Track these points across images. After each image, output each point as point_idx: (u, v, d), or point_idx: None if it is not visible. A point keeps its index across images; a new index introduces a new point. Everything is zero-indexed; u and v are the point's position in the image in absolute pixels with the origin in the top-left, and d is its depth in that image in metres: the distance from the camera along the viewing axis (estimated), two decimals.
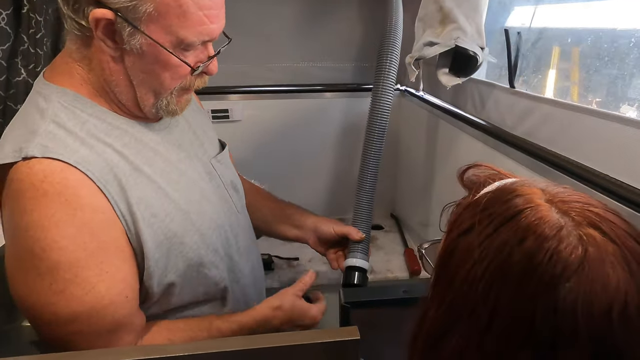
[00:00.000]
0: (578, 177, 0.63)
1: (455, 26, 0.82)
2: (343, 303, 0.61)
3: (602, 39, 0.69)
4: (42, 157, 0.56)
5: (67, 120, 0.60)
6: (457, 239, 0.37)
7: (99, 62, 0.61)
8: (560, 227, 0.32)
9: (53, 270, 0.56)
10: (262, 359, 0.51)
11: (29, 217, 0.55)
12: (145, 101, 0.64)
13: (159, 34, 0.58)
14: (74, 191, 0.57)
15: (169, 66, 0.61)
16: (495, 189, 0.39)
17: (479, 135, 0.93)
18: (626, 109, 0.63)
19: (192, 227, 0.68)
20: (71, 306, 0.57)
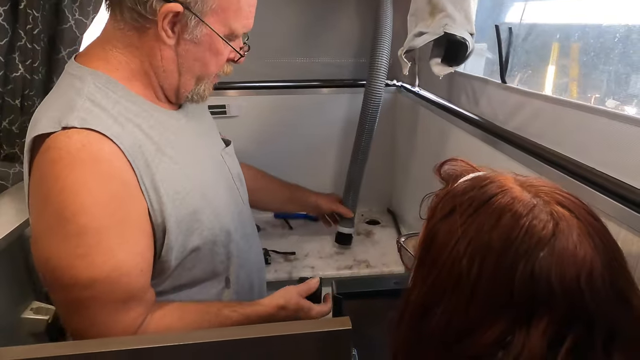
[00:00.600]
0: (566, 170, 0.64)
1: (444, 14, 0.82)
2: (336, 294, 0.62)
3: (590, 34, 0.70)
4: (81, 128, 0.59)
5: (101, 99, 0.63)
6: (440, 222, 0.41)
7: (150, 49, 0.66)
8: (532, 205, 0.36)
9: (79, 235, 0.59)
10: (256, 348, 0.52)
11: (64, 182, 0.58)
12: (187, 86, 0.70)
13: (217, 25, 0.65)
14: (108, 162, 0.60)
15: (218, 54, 0.68)
16: (472, 178, 0.43)
17: (473, 130, 0.94)
18: (611, 103, 0.64)
19: (208, 207, 0.72)
20: (90, 271, 0.60)
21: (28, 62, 0.92)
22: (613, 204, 0.55)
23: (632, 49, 0.62)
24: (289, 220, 1.53)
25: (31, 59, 0.92)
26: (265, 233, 1.47)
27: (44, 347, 0.48)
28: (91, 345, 0.48)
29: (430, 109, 1.18)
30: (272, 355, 0.53)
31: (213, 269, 0.76)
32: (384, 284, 0.64)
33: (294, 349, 0.53)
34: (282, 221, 1.53)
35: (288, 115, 1.46)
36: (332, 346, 0.53)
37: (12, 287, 0.84)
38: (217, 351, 0.51)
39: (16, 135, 0.95)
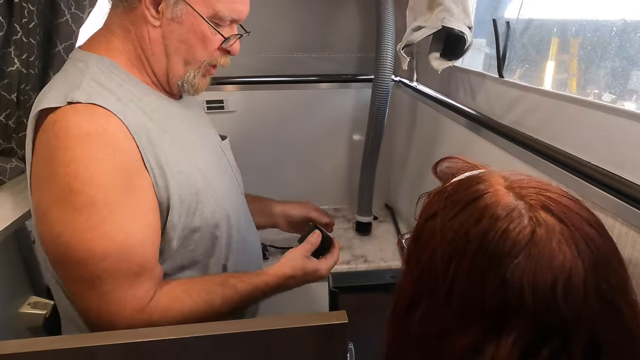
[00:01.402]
0: (561, 164, 0.64)
1: (442, 8, 0.82)
2: (332, 288, 0.62)
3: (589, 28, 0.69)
4: (87, 103, 0.60)
5: (105, 81, 0.65)
6: (424, 223, 0.41)
7: (140, 31, 0.67)
8: (512, 209, 0.35)
9: (90, 206, 0.59)
10: (252, 342, 0.53)
11: (72, 153, 0.59)
12: (176, 70, 0.70)
13: (199, 5, 0.65)
14: (115, 135, 0.61)
15: (204, 37, 0.68)
16: (464, 177, 0.42)
17: (470, 125, 0.94)
18: (607, 97, 0.63)
19: (209, 190, 0.73)
20: (104, 243, 0.61)
21: (24, 56, 0.91)
22: (608, 198, 0.55)
23: (629, 43, 0.62)
24: None
25: (27, 53, 0.91)
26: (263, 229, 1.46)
27: (39, 341, 0.49)
28: (85, 339, 0.48)
29: (428, 104, 1.18)
30: (268, 349, 0.53)
31: (212, 251, 0.76)
32: (380, 278, 0.64)
33: (291, 342, 0.53)
34: None
35: (286, 110, 1.46)
36: (329, 340, 0.53)
37: (10, 281, 0.85)
38: (213, 345, 0.51)
39: (13, 130, 0.95)
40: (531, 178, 0.39)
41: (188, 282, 0.72)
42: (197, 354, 0.51)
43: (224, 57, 0.73)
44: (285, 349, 0.53)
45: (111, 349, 0.48)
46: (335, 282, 0.64)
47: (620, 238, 0.54)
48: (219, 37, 0.68)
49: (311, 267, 0.81)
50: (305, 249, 0.83)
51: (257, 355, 0.53)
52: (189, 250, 0.73)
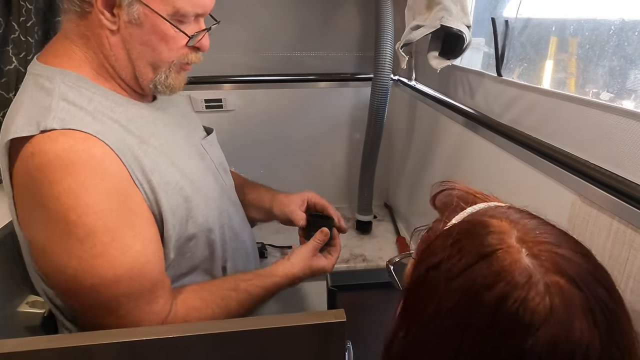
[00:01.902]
0: (559, 162, 0.64)
1: (440, 7, 0.82)
2: (330, 287, 0.62)
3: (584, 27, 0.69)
4: (63, 129, 0.57)
5: (75, 98, 0.61)
6: (426, 273, 0.37)
7: (98, 38, 0.62)
8: (529, 274, 0.32)
9: (91, 234, 0.58)
10: (251, 340, 0.53)
11: (59, 186, 0.56)
12: (144, 75, 0.66)
13: (157, 4, 0.60)
14: (100, 159, 0.59)
15: (166, 37, 0.63)
16: (468, 219, 0.39)
17: (469, 124, 0.94)
18: (605, 95, 0.63)
19: (198, 195, 0.71)
20: (113, 267, 0.60)
21: (22, 55, 0.91)
22: (606, 196, 0.55)
23: (627, 42, 0.62)
24: None
25: (25, 52, 0.91)
26: (262, 227, 1.45)
27: (37, 340, 0.49)
28: (83, 338, 0.48)
29: (427, 103, 1.18)
30: (267, 347, 0.53)
31: (210, 256, 0.76)
32: (379, 276, 0.64)
33: (289, 341, 0.53)
34: None
35: (285, 109, 1.46)
36: (327, 338, 0.53)
37: (8, 280, 0.84)
38: (212, 343, 0.51)
39: None
40: (540, 224, 0.37)
41: (201, 289, 0.72)
42: (195, 352, 0.51)
43: (194, 54, 0.68)
44: (284, 348, 0.54)
45: (108, 348, 0.48)
46: (333, 280, 0.64)
47: (617, 236, 0.54)
48: (182, 33, 0.64)
49: (318, 266, 0.82)
50: (314, 247, 0.82)
51: (256, 354, 0.53)
52: (186, 258, 0.72)
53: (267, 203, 0.95)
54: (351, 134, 1.52)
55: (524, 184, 0.74)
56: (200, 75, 1.36)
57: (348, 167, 1.55)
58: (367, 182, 1.36)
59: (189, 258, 0.73)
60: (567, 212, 0.62)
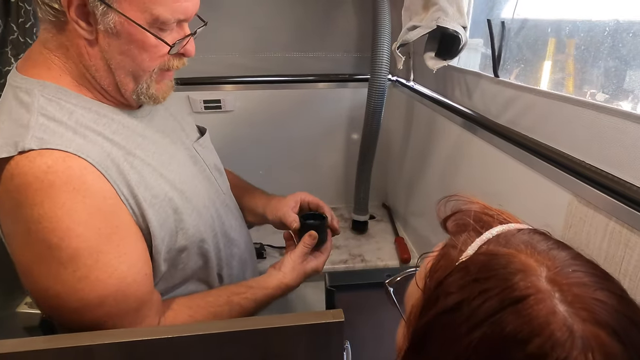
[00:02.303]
0: (556, 163, 0.64)
1: (437, 7, 0.83)
2: (328, 287, 0.63)
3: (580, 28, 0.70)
4: (41, 149, 0.55)
5: (55, 112, 0.59)
6: (441, 315, 0.32)
7: (76, 48, 0.60)
8: (570, 329, 0.29)
9: (74, 258, 0.56)
10: (249, 340, 0.53)
11: (39, 209, 0.54)
12: (125, 85, 0.63)
13: (134, 12, 0.57)
14: (80, 179, 0.57)
15: (146, 46, 0.60)
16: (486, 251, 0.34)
17: (467, 125, 0.94)
18: (600, 96, 0.64)
19: (189, 205, 0.70)
20: (97, 290, 0.58)
21: (20, 56, 0.91)
22: (602, 196, 0.56)
23: (621, 44, 0.62)
24: None
25: (24, 53, 0.91)
26: (260, 228, 1.45)
27: (36, 341, 0.49)
28: (82, 338, 0.48)
29: (425, 103, 1.18)
30: (265, 347, 0.53)
31: (204, 265, 0.75)
32: (377, 276, 0.65)
33: (288, 341, 0.54)
34: None
35: (283, 110, 1.46)
36: (326, 338, 0.54)
37: (7, 281, 0.84)
38: (210, 343, 0.52)
39: None
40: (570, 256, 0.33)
41: (192, 306, 0.71)
42: (194, 352, 0.51)
43: (178, 60, 0.65)
44: (283, 348, 0.54)
45: (108, 348, 0.48)
46: (332, 280, 0.64)
47: (613, 236, 0.54)
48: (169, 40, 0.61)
49: (310, 269, 0.81)
50: (303, 252, 0.81)
51: (254, 354, 0.53)
52: (179, 270, 0.71)
53: (260, 208, 0.93)
54: (349, 135, 1.52)
55: (521, 184, 0.75)
56: (199, 76, 1.36)
57: (345, 167, 1.55)
58: (363, 182, 1.36)
59: (181, 269, 0.72)
60: (563, 212, 0.63)
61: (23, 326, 0.86)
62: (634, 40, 0.60)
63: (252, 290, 0.75)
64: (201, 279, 0.77)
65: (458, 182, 1.01)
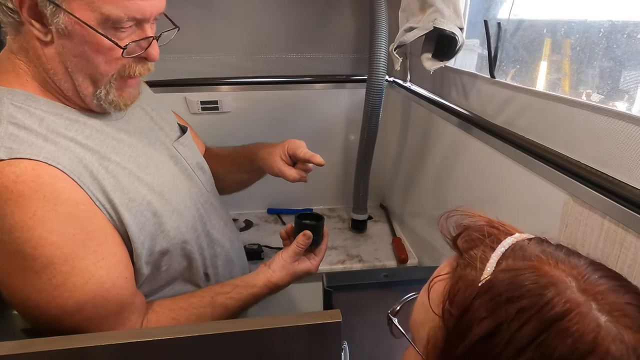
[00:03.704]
0: (552, 163, 0.65)
1: (433, 9, 0.83)
2: (326, 287, 0.63)
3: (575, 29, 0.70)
4: (9, 159, 0.54)
5: (24, 120, 0.57)
6: (477, 345, 0.30)
7: (34, 50, 0.58)
8: (622, 341, 0.28)
9: (49, 266, 0.56)
10: (245, 341, 0.53)
11: (10, 219, 0.54)
12: (84, 90, 0.61)
13: (83, 11, 0.54)
14: (51, 187, 0.56)
15: (100, 48, 0.57)
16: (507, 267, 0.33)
17: (463, 125, 0.95)
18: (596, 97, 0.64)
19: (169, 207, 0.69)
20: (75, 296, 0.58)
21: None
22: (597, 196, 0.56)
23: (615, 44, 0.63)
24: (281, 215, 1.53)
25: None
26: (258, 228, 1.47)
27: (34, 342, 0.48)
28: (79, 340, 0.48)
29: (422, 104, 1.18)
30: (262, 348, 0.53)
31: (188, 266, 0.75)
32: (374, 276, 0.65)
33: (285, 342, 0.54)
34: (275, 216, 1.54)
35: (281, 111, 1.46)
36: (323, 339, 0.54)
37: None
38: (207, 345, 0.52)
39: None
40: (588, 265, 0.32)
41: (174, 308, 0.70)
42: (190, 354, 0.51)
43: (141, 65, 0.62)
44: (280, 348, 0.54)
45: (105, 350, 0.48)
46: (329, 281, 0.64)
47: (608, 235, 0.55)
48: (123, 42, 0.58)
49: (301, 271, 0.79)
50: (295, 252, 0.79)
51: (251, 355, 0.53)
52: (162, 272, 0.71)
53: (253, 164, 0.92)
54: (347, 135, 1.52)
55: (518, 185, 0.75)
56: (196, 77, 1.36)
57: (344, 168, 1.56)
58: (362, 181, 1.36)
59: (165, 271, 0.71)
60: (559, 211, 0.63)
61: (20, 328, 0.85)
62: (628, 41, 0.60)
63: (237, 289, 0.75)
64: (187, 279, 0.76)
65: (454, 182, 1.02)
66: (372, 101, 1.20)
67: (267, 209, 1.57)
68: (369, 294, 0.66)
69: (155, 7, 0.59)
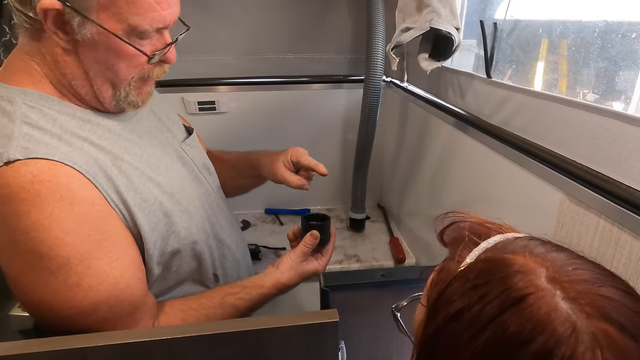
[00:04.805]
0: (548, 162, 0.65)
1: (430, 9, 0.83)
2: (323, 287, 0.63)
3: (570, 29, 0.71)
4: (26, 159, 0.54)
5: (38, 120, 0.58)
6: (444, 325, 0.32)
7: (53, 55, 0.59)
8: (573, 324, 0.28)
9: (65, 266, 0.56)
10: (243, 341, 0.53)
11: (26, 219, 0.54)
12: (104, 93, 0.63)
13: (111, 22, 0.57)
14: (67, 186, 0.56)
15: (124, 55, 0.60)
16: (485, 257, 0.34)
17: (460, 125, 0.95)
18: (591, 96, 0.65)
19: (179, 208, 0.70)
20: (90, 297, 0.58)
21: None
22: (592, 195, 0.56)
23: (610, 44, 0.63)
24: (279, 215, 1.53)
25: None
26: (256, 229, 1.47)
27: (31, 343, 0.48)
28: (76, 341, 0.48)
29: (418, 104, 1.19)
30: (260, 348, 0.53)
31: (198, 267, 0.75)
32: (371, 276, 0.65)
33: (282, 341, 0.54)
34: (272, 217, 1.54)
35: (278, 111, 1.46)
36: (320, 339, 0.54)
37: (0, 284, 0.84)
38: (205, 345, 0.52)
39: None
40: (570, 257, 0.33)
41: (184, 309, 0.71)
42: (189, 354, 0.51)
43: (159, 67, 0.65)
44: (277, 348, 0.54)
45: (103, 350, 0.48)
46: (326, 280, 0.64)
47: (604, 234, 0.55)
48: (144, 49, 0.61)
49: (309, 271, 0.80)
50: (303, 252, 0.80)
51: (249, 355, 0.53)
52: (173, 272, 0.71)
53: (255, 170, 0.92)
54: (344, 135, 1.53)
55: (514, 184, 0.76)
56: (193, 78, 1.36)
57: (342, 168, 1.56)
58: (360, 181, 1.36)
59: (175, 272, 0.71)
60: (555, 211, 0.64)
61: (17, 329, 0.85)
62: (622, 41, 0.61)
63: (246, 290, 0.75)
64: (196, 280, 0.76)
65: (451, 182, 1.02)
66: (370, 101, 1.20)
67: (265, 209, 1.57)
68: (366, 293, 0.66)
69: (174, 15, 0.62)
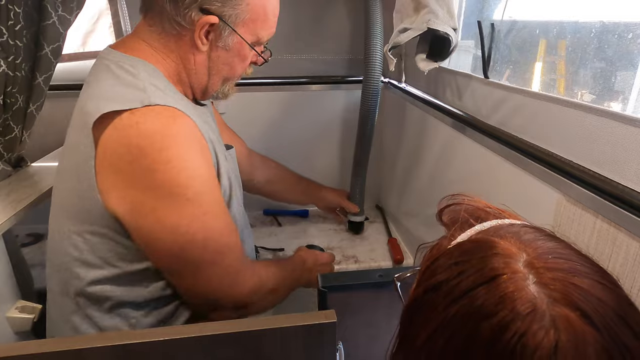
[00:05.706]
0: (545, 163, 0.65)
1: (427, 10, 0.83)
2: (321, 287, 0.63)
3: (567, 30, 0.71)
4: (165, 105, 0.64)
5: (159, 84, 0.68)
6: (424, 295, 0.34)
7: (185, 54, 0.72)
8: (534, 305, 0.29)
9: (200, 195, 0.66)
10: (241, 342, 0.53)
11: (168, 152, 0.63)
12: (214, 86, 0.77)
13: (247, 34, 0.73)
14: (197, 135, 0.68)
15: (245, 58, 0.76)
16: (474, 238, 0.36)
17: (458, 126, 0.95)
18: (588, 97, 0.65)
19: (235, 195, 0.81)
20: (218, 223, 0.69)
21: (10, 59, 0.90)
22: (589, 195, 0.57)
23: (607, 45, 0.63)
24: (277, 216, 1.53)
25: (14, 56, 0.90)
26: (255, 230, 1.47)
27: (29, 345, 0.48)
28: (74, 342, 0.48)
29: (416, 105, 1.19)
30: (257, 349, 0.53)
31: None
32: (369, 276, 0.65)
33: (280, 342, 0.54)
34: (271, 218, 1.53)
35: (276, 112, 1.46)
36: (318, 339, 0.54)
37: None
38: (202, 346, 0.52)
39: None
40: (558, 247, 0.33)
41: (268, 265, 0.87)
42: (185, 355, 0.51)
43: (249, 67, 0.81)
44: (275, 349, 0.54)
45: (101, 351, 0.48)
46: (324, 281, 0.64)
47: (601, 234, 0.55)
48: (253, 53, 0.77)
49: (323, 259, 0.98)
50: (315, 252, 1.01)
51: (247, 356, 0.53)
52: None
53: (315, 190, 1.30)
54: (343, 136, 1.53)
55: (511, 184, 0.76)
56: None
57: (340, 169, 1.56)
58: (359, 183, 1.36)
59: None
60: (552, 211, 0.64)
61: (14, 331, 0.85)
62: (619, 41, 0.61)
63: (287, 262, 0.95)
64: None
65: (449, 182, 1.02)
66: (368, 102, 1.20)
67: (263, 210, 1.57)
68: (364, 294, 0.66)
69: None
